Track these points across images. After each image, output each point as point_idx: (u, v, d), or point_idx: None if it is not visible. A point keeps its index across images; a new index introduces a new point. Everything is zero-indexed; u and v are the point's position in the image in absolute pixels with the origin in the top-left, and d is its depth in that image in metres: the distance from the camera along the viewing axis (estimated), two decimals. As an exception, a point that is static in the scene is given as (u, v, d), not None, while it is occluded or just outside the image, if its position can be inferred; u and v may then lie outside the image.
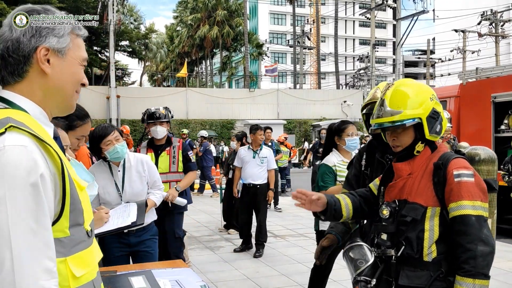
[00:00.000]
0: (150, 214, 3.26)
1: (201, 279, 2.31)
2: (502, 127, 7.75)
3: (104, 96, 25.00)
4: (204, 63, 50.55)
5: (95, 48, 36.31)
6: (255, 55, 42.68)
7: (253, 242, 6.30)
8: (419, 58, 56.90)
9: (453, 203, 1.83)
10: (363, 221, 2.61)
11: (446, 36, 31.77)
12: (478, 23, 28.42)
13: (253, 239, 6.31)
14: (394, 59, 32.23)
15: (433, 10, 25.90)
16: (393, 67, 33.98)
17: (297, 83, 38.64)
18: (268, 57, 43.97)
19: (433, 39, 35.55)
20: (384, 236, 1.97)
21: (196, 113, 27.25)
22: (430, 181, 1.90)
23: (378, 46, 30.38)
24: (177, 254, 4.25)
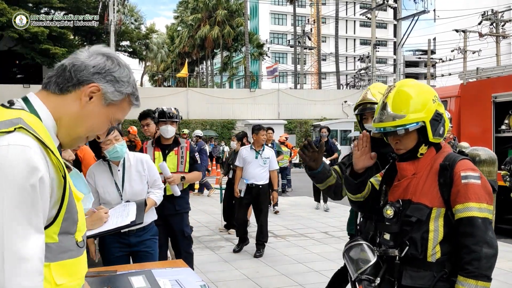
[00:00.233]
0: (150, 214, 3.26)
1: (201, 279, 2.31)
2: (503, 127, 7.73)
3: (104, 96, 25.01)
4: (204, 63, 50.59)
5: (95, 48, 36.26)
6: (255, 55, 42.71)
7: (254, 242, 6.30)
8: (420, 58, 56.84)
9: (460, 205, 1.82)
10: (359, 220, 2.60)
11: (447, 36, 31.76)
12: (479, 23, 28.43)
13: (254, 239, 6.31)
14: (394, 59, 32.17)
15: (433, 10, 25.84)
16: (394, 67, 33.92)
17: (298, 83, 38.64)
18: (269, 57, 43.99)
19: (434, 39, 35.52)
20: (387, 236, 1.96)
21: (197, 113, 27.26)
22: (435, 182, 1.89)
23: (379, 46, 30.32)
24: (188, 250, 4.41)
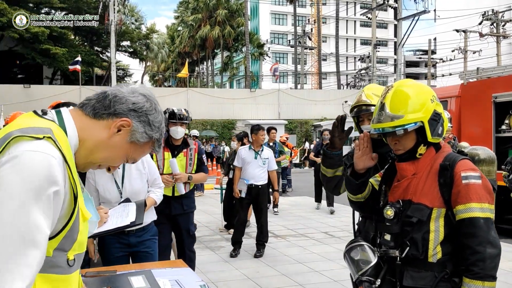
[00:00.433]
0: (150, 214, 3.25)
1: (201, 279, 2.31)
2: (503, 127, 7.72)
3: (105, 96, 25.02)
4: (205, 63, 50.58)
5: (96, 48, 36.32)
6: (256, 55, 42.70)
7: (254, 242, 6.30)
8: (420, 58, 56.74)
9: (461, 205, 1.81)
10: (358, 220, 2.60)
11: (447, 36, 31.74)
12: (479, 23, 28.44)
13: (254, 239, 6.31)
14: (395, 59, 32.18)
15: (434, 10, 25.83)
16: (394, 67, 33.93)
17: (298, 83, 38.63)
18: (269, 57, 43.97)
19: (434, 39, 35.42)
20: (387, 237, 1.95)
21: (197, 113, 27.25)
22: (435, 182, 1.88)
23: (379, 46, 30.35)
24: (191, 249, 4.53)
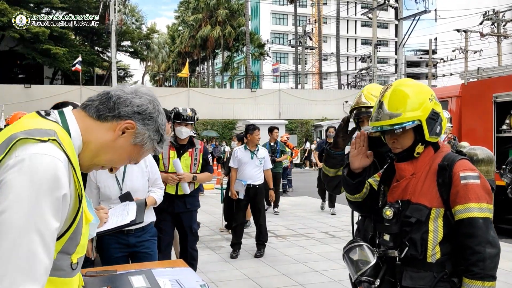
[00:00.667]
0: (149, 214, 3.24)
1: (201, 279, 2.30)
2: (504, 127, 7.71)
3: (105, 96, 25.03)
4: (205, 63, 50.58)
5: (96, 48, 36.33)
6: (256, 55, 42.70)
7: (254, 242, 6.30)
8: (421, 58, 56.68)
9: (460, 206, 1.81)
10: (358, 220, 2.60)
11: (448, 36, 31.70)
12: (480, 23, 28.41)
13: (254, 239, 6.31)
14: (396, 59, 32.18)
15: (435, 10, 25.84)
16: (395, 67, 33.93)
17: (299, 83, 38.61)
18: (270, 57, 43.97)
19: (435, 39, 35.42)
20: (386, 237, 1.95)
21: (198, 113, 27.24)
22: (434, 182, 1.88)
23: (380, 46, 30.38)
24: (193, 247, 4.56)
